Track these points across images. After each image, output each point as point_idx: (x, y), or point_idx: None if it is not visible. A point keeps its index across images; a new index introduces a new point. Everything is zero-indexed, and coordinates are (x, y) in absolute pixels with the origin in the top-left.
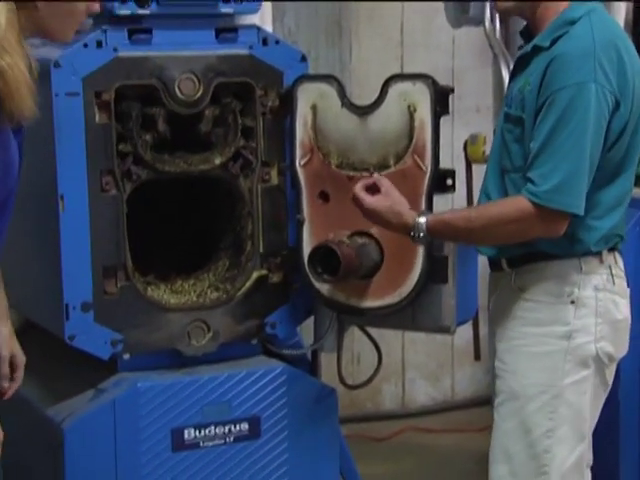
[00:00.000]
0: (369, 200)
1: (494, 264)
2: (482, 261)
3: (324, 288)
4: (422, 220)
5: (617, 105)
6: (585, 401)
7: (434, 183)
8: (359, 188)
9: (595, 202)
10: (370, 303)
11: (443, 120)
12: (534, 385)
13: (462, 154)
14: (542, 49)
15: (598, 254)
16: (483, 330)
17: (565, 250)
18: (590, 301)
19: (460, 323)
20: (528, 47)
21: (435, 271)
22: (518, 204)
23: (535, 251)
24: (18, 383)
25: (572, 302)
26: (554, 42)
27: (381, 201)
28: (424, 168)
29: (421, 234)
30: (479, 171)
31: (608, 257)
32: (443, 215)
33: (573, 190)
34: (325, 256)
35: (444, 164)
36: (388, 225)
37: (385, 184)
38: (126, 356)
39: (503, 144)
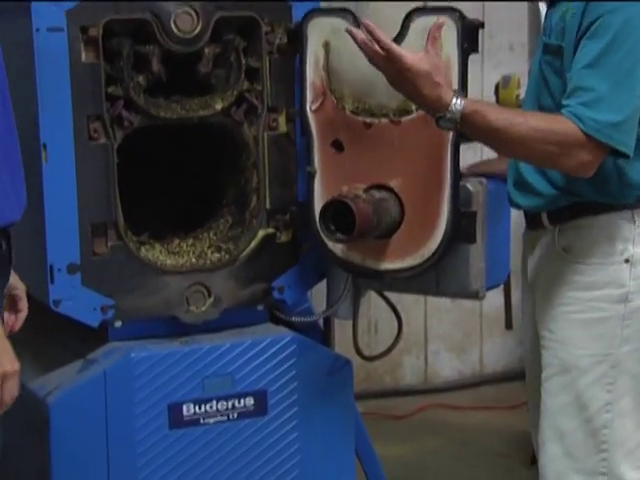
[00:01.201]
0: (407, 55)
1: (533, 220)
2: (514, 219)
3: (337, 248)
4: (459, 102)
5: None
6: None
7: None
8: (391, 42)
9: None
10: (389, 265)
11: (472, 59)
12: (588, 355)
13: (493, 98)
14: None
15: None
16: (515, 296)
17: (616, 197)
18: None
19: (490, 288)
20: None
21: (462, 229)
22: (566, 126)
23: (583, 201)
24: (25, 312)
25: (626, 261)
26: None
27: (423, 61)
28: None
29: (450, 116)
30: None
31: None
32: (483, 106)
33: (626, 126)
34: (338, 212)
35: None
36: (418, 92)
37: (429, 47)
38: (118, 323)
39: (542, 79)
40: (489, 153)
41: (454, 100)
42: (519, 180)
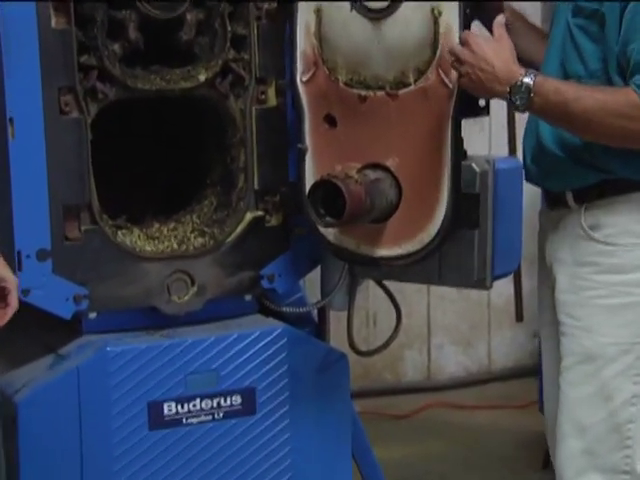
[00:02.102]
0: (480, 41)
1: (555, 200)
2: (526, 201)
3: (330, 233)
4: (533, 74)
5: None
6: None
7: (463, 104)
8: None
9: None
10: (385, 251)
11: (477, 26)
12: (614, 344)
13: None
14: None
15: None
16: (526, 285)
17: None
18: None
19: (499, 276)
20: None
21: (463, 213)
22: (629, 97)
23: (613, 179)
24: (14, 307)
25: None
26: None
27: (490, 41)
28: (450, 85)
29: (525, 86)
30: None
31: None
32: (555, 80)
33: None
34: (328, 194)
35: None
36: (486, 66)
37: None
38: (92, 315)
39: (571, 44)
40: (497, 129)
41: (526, 72)
42: (540, 155)
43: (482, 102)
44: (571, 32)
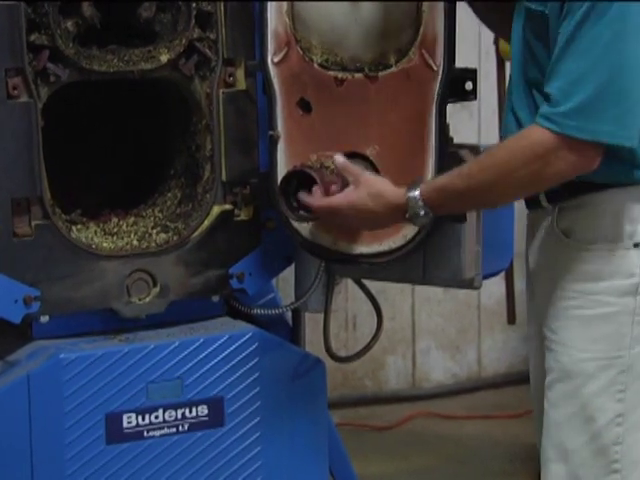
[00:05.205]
0: (322, 201)
1: (531, 199)
2: None
3: (304, 228)
4: (415, 193)
5: None
6: None
7: (448, 87)
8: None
9: None
10: (365, 248)
11: (462, 6)
12: (593, 359)
13: (492, 49)
14: None
15: None
16: (519, 285)
17: (624, 177)
18: None
19: (489, 275)
20: None
21: None
22: (530, 138)
23: (584, 181)
24: None
25: (635, 245)
26: None
27: (349, 195)
28: (435, 67)
29: (420, 212)
30: None
31: None
32: (437, 180)
33: (607, 110)
34: (302, 185)
35: (469, 63)
36: (369, 219)
37: (351, 171)
38: (44, 318)
39: (527, 49)
40: (487, 115)
41: (409, 193)
42: None
43: (469, 85)
44: (525, 36)
